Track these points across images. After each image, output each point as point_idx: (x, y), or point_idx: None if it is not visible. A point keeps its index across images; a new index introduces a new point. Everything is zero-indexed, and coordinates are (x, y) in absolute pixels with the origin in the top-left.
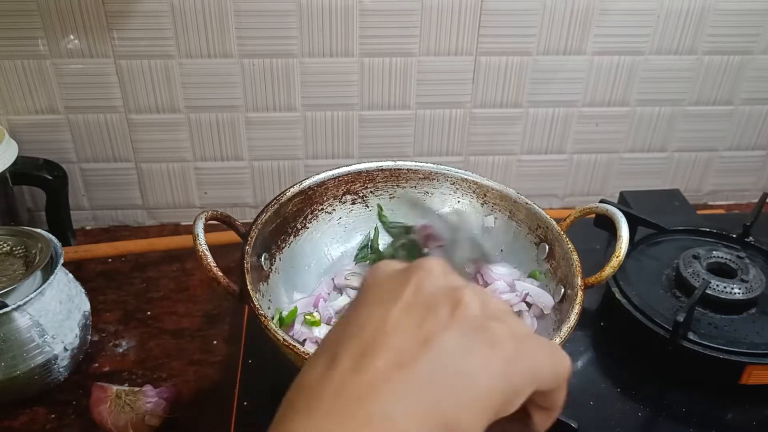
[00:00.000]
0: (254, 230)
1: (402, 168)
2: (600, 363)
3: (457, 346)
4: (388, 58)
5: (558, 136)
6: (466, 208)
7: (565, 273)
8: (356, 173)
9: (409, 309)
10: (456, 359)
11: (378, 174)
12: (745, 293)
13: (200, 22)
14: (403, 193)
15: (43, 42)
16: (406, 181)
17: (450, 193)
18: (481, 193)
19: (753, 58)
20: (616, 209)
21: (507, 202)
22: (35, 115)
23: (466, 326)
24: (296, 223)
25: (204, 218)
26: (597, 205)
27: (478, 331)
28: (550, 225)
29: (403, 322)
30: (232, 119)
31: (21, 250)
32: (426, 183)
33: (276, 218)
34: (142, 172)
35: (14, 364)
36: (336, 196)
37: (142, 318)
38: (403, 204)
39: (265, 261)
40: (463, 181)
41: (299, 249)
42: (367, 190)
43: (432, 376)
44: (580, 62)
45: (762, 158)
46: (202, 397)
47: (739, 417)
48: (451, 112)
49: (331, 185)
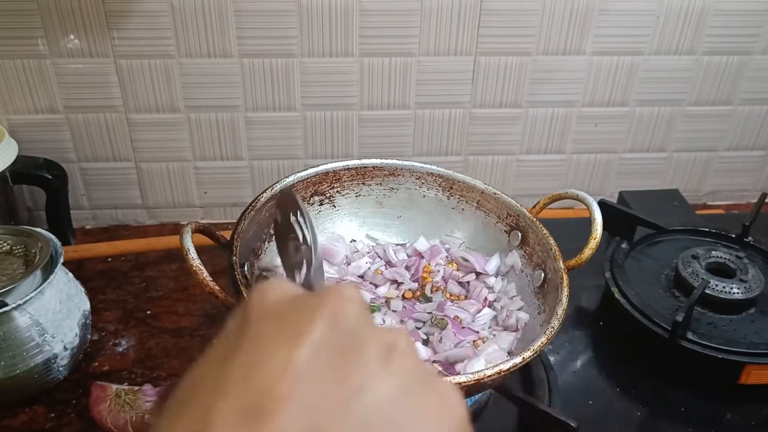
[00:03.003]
0: (237, 240)
1: (368, 165)
2: (599, 363)
3: (397, 401)
4: (388, 58)
5: (557, 136)
6: (433, 201)
7: (542, 258)
8: (323, 173)
9: (323, 349)
10: (394, 419)
11: (344, 173)
12: (744, 293)
13: (200, 21)
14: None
15: (43, 42)
16: (372, 178)
17: (415, 187)
18: (447, 186)
19: (752, 58)
20: (586, 195)
21: (474, 193)
22: (35, 115)
23: (405, 377)
24: (269, 229)
25: (190, 231)
26: (566, 191)
27: (424, 383)
28: (521, 213)
29: (315, 366)
30: (231, 119)
31: (21, 249)
32: (391, 179)
33: (252, 225)
34: (142, 172)
35: (14, 363)
36: (305, 198)
37: (142, 317)
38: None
39: (248, 270)
40: (428, 175)
41: (273, 254)
42: (333, 190)
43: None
44: (579, 62)
45: (761, 158)
46: None
47: (738, 416)
48: (450, 112)
49: (300, 187)
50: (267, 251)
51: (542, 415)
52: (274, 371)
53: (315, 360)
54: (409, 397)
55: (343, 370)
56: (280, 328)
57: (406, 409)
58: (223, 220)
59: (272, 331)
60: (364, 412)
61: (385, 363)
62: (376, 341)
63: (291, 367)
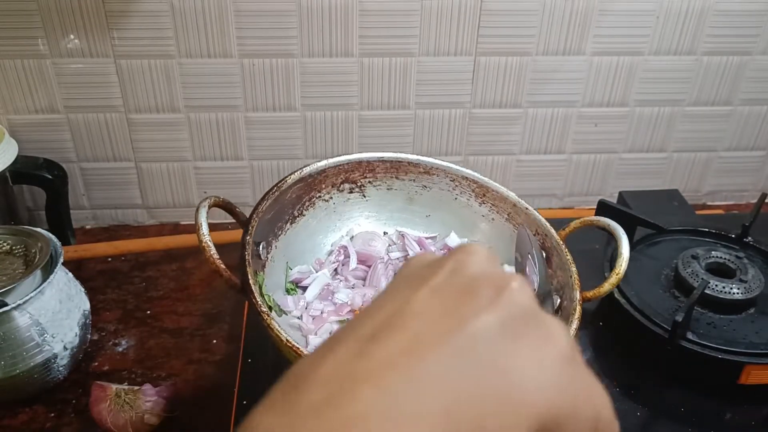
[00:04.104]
0: (255, 218)
1: (403, 160)
2: (599, 363)
3: (499, 333)
4: (388, 58)
5: (557, 137)
6: (464, 206)
7: (561, 283)
8: (357, 162)
9: (440, 291)
10: (495, 349)
11: (378, 164)
12: (744, 293)
13: (200, 22)
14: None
15: (43, 42)
16: (406, 173)
17: (448, 189)
18: (481, 193)
19: (752, 58)
20: (618, 226)
21: (506, 205)
22: (35, 115)
23: (513, 312)
24: (294, 210)
25: (207, 205)
26: (599, 219)
27: (529, 320)
28: (549, 233)
29: (430, 304)
30: (231, 119)
31: (21, 249)
32: (425, 177)
33: (275, 205)
34: (142, 172)
35: (14, 363)
36: (335, 184)
37: (142, 317)
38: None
39: (262, 250)
40: (463, 179)
41: (294, 236)
42: (366, 180)
43: (457, 368)
44: (579, 62)
45: (761, 159)
46: (202, 396)
47: (737, 417)
48: (450, 112)
49: (331, 173)
50: (288, 233)
51: None
52: (393, 309)
53: (432, 300)
54: (512, 330)
55: (455, 308)
56: (411, 280)
57: (508, 340)
58: (224, 220)
59: (402, 283)
60: (466, 341)
61: (494, 300)
62: (489, 283)
63: (407, 305)
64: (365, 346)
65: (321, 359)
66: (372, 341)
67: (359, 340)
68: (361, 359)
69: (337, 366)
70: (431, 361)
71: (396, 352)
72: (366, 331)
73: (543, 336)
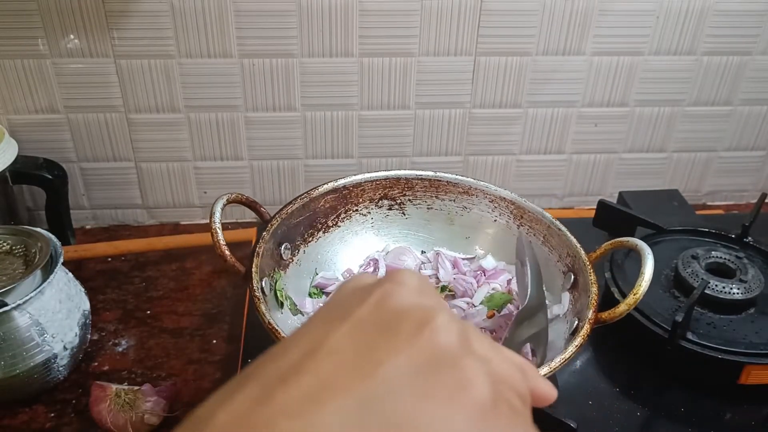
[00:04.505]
0: (277, 218)
1: (442, 179)
2: (599, 363)
3: (410, 383)
4: (388, 58)
5: (557, 137)
6: (503, 228)
7: (582, 305)
8: (395, 179)
9: (360, 327)
10: (403, 402)
11: (417, 183)
12: (744, 293)
13: (200, 22)
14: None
15: (43, 42)
16: (446, 193)
17: (488, 211)
18: (518, 215)
19: (752, 58)
20: (645, 246)
21: (541, 226)
22: (35, 115)
23: (429, 354)
24: (327, 220)
25: (225, 199)
26: (628, 240)
27: (444, 365)
28: (578, 254)
29: (346, 343)
30: (231, 119)
31: (21, 249)
32: (465, 198)
33: (304, 211)
34: (142, 172)
35: (14, 363)
36: (372, 199)
37: (142, 317)
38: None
39: (285, 250)
40: (501, 200)
41: (327, 245)
42: (405, 198)
43: (358, 422)
44: (579, 62)
45: (761, 159)
46: (202, 396)
47: (737, 416)
48: (450, 112)
49: (368, 187)
50: (319, 240)
51: (542, 416)
52: (309, 346)
53: (349, 338)
54: (424, 378)
55: (370, 349)
56: (334, 311)
57: (418, 392)
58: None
59: (326, 314)
60: (374, 390)
61: (412, 339)
62: (412, 318)
63: (324, 342)
64: (269, 390)
65: (222, 404)
66: (278, 384)
67: (264, 383)
68: (260, 406)
69: (234, 413)
70: (331, 411)
71: (297, 399)
72: (275, 372)
73: (458, 384)
